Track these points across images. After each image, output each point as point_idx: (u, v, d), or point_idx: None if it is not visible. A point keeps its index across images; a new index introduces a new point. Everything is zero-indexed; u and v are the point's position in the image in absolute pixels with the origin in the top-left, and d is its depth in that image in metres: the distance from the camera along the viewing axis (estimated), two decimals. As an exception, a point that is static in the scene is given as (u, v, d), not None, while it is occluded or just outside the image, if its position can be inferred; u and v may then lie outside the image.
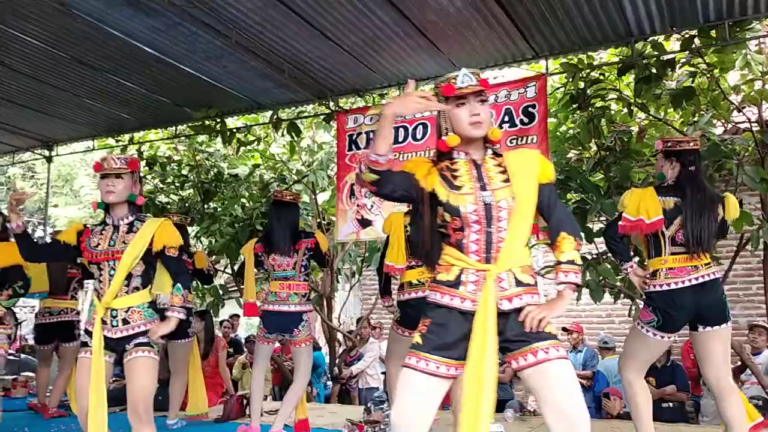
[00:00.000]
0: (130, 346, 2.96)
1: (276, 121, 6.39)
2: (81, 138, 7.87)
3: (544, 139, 4.90)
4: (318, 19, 4.52)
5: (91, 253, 3.02)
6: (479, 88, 2.23)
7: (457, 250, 2.23)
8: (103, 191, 3.04)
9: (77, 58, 5.33)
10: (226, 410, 5.05)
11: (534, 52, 5.08)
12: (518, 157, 2.32)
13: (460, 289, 2.19)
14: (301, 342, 4.25)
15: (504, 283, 2.17)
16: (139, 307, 3.02)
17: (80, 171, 15.54)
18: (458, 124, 2.23)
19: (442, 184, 2.23)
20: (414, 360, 2.15)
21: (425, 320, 2.22)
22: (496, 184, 2.23)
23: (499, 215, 2.19)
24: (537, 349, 2.10)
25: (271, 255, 4.25)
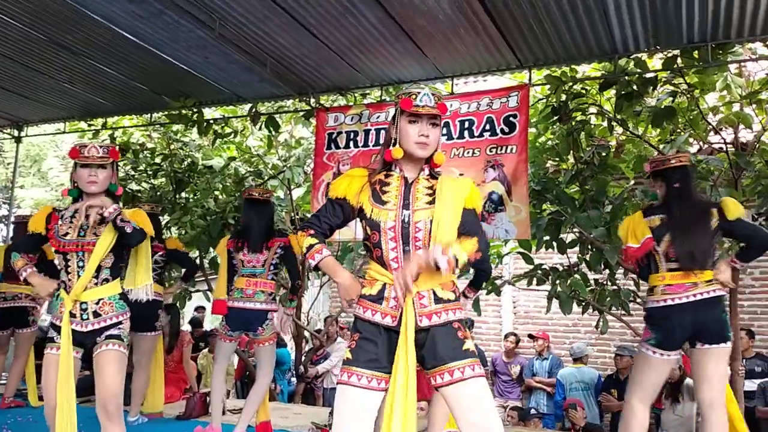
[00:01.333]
0: (100, 339, 2.88)
1: (254, 115, 6.30)
2: (52, 120, 7.67)
3: (524, 150, 4.91)
4: (304, 15, 4.45)
5: (59, 242, 2.91)
6: (435, 112, 2.28)
7: (380, 266, 2.29)
8: (84, 180, 2.94)
9: (55, 40, 5.18)
10: (189, 407, 4.97)
11: (519, 62, 5.08)
12: (450, 184, 2.35)
13: (383, 305, 2.25)
14: (265, 341, 4.22)
15: (424, 299, 2.23)
16: (110, 298, 2.94)
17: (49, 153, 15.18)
18: (405, 140, 2.28)
19: (369, 199, 2.32)
20: (346, 375, 2.20)
21: (354, 335, 2.27)
22: (419, 205, 2.28)
23: (416, 235, 2.25)
24: (453, 369, 2.16)
25: (242, 251, 4.20)
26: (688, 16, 4.25)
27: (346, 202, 2.35)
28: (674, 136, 5.07)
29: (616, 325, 6.44)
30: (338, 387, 2.22)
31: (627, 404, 3.51)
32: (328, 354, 7.73)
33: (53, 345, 2.89)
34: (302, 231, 2.34)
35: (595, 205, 5.00)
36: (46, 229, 2.98)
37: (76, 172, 2.98)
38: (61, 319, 2.87)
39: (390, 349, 2.20)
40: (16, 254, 3.00)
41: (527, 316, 8.88)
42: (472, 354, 2.20)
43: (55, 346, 2.87)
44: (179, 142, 7.11)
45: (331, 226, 2.37)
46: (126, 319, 3.00)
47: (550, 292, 5.21)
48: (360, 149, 5.58)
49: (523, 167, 4.88)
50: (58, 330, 2.87)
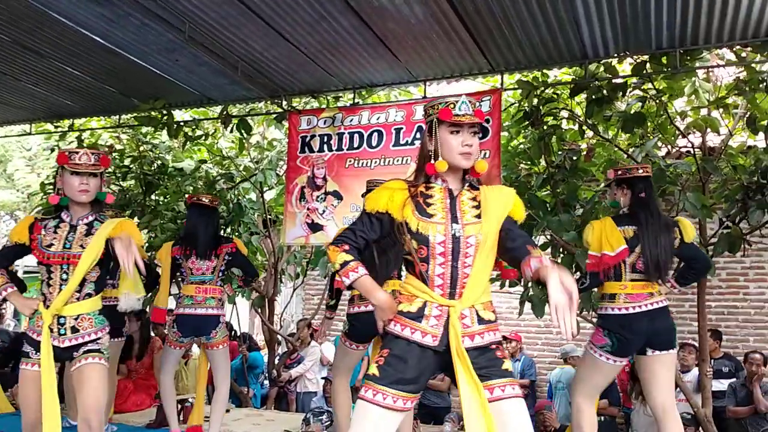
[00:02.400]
0: (78, 354, 2.79)
1: (225, 117, 6.23)
2: (17, 121, 7.50)
3: (497, 154, 4.93)
4: (276, 19, 4.41)
5: (43, 253, 2.79)
6: (476, 120, 2.21)
7: (422, 282, 2.19)
8: (74, 189, 2.81)
9: (19, 42, 5.04)
10: (159, 415, 4.88)
11: (490, 67, 5.10)
12: (495, 194, 2.28)
13: (422, 323, 2.15)
14: (219, 344, 4.21)
15: (467, 319, 2.15)
16: (89, 314, 2.84)
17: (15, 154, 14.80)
18: (448, 151, 2.20)
19: (413, 212, 2.21)
20: (370, 393, 2.11)
21: (383, 351, 2.18)
22: (468, 219, 2.20)
23: (467, 251, 2.16)
24: (494, 386, 2.10)
25: (190, 258, 4.15)
26: (656, 23, 4.31)
27: (388, 216, 2.24)
28: (643, 141, 5.13)
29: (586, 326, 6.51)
30: (359, 403, 2.13)
31: (574, 404, 3.58)
32: (301, 358, 7.69)
33: (29, 360, 2.78)
34: (335, 246, 2.22)
35: (566, 209, 5.04)
36: (29, 239, 2.85)
37: (64, 179, 2.84)
38: (38, 333, 2.76)
39: (420, 368, 2.13)
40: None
41: (499, 317, 8.87)
42: (511, 374, 2.15)
43: (31, 361, 2.77)
44: (149, 144, 7.01)
45: (367, 241, 2.26)
46: (105, 333, 2.92)
47: (522, 295, 5.24)
48: (334, 153, 5.55)
49: (496, 172, 4.90)
50: (34, 345, 2.76)
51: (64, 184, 2.85)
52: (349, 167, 5.44)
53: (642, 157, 4.88)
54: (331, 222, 5.39)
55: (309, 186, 5.59)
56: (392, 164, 5.24)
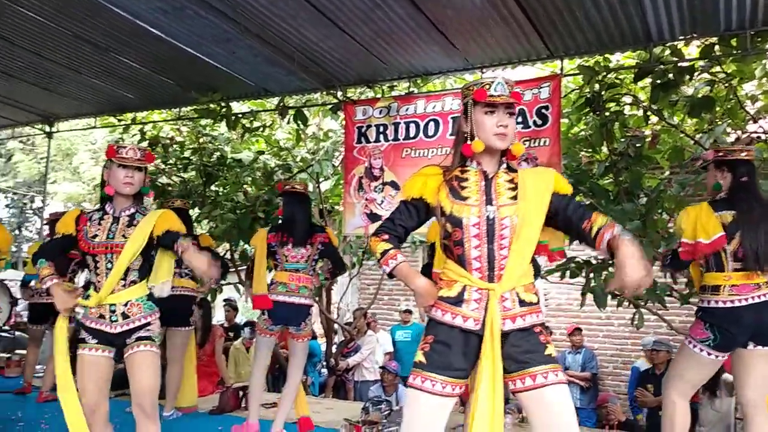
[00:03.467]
0: (131, 340, 2.90)
1: (282, 109, 6.28)
2: (82, 115, 7.77)
3: (557, 142, 4.80)
4: (331, 8, 4.40)
5: (88, 244, 2.92)
6: (511, 100, 2.17)
7: (460, 266, 2.18)
8: (120, 181, 2.94)
9: (80, 36, 5.21)
10: (222, 402, 4.99)
11: (549, 52, 4.97)
12: (533, 176, 2.25)
13: (463, 307, 2.14)
14: (304, 337, 4.20)
15: (507, 302, 2.13)
16: (138, 300, 2.95)
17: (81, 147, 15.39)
18: (482, 132, 2.18)
19: (447, 196, 2.21)
20: (419, 380, 2.11)
21: (428, 337, 2.18)
22: (503, 201, 2.17)
23: (502, 232, 2.14)
24: (536, 374, 2.08)
25: (286, 246, 4.14)
26: (725, 3, 4.10)
27: (423, 202, 2.25)
28: (712, 126, 4.91)
29: (650, 318, 6.31)
30: (409, 391, 2.13)
31: (667, 399, 3.40)
32: (358, 347, 7.73)
33: (86, 346, 2.91)
34: (375, 236, 2.26)
35: (629, 198, 4.87)
36: (75, 230, 2.98)
37: (111, 171, 2.97)
38: (90, 320, 2.90)
39: (466, 353, 2.12)
40: (43, 261, 2.97)
41: (559, 309, 8.75)
42: (554, 360, 2.12)
43: (88, 347, 2.90)
44: (208, 136, 7.15)
45: (406, 229, 2.28)
46: (155, 319, 3.01)
47: (584, 286, 5.10)
48: (390, 143, 5.52)
49: (556, 160, 4.77)
50: (90, 331, 2.90)
51: (111, 176, 2.98)
52: (406, 157, 5.40)
53: (710, 143, 4.67)
54: (390, 212, 5.36)
55: (367, 176, 5.59)
56: (450, 153, 5.16)
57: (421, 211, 2.27)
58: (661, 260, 3.63)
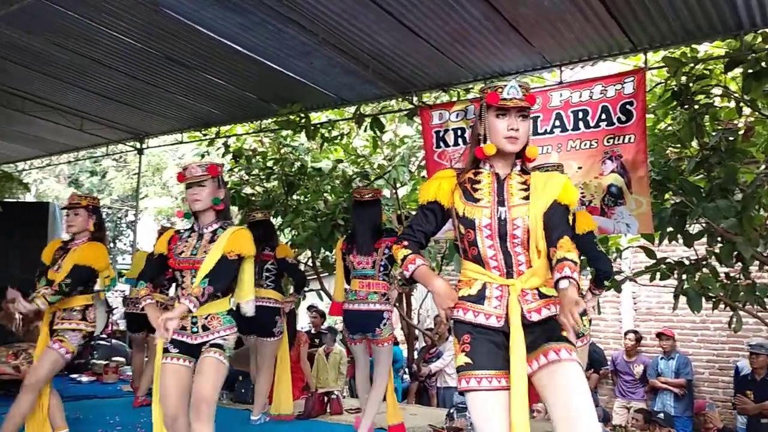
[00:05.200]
0: (205, 347, 3.00)
1: (359, 117, 6.36)
2: (170, 131, 8.15)
3: (643, 138, 4.62)
4: (405, 14, 4.42)
5: (175, 260, 3.07)
6: (523, 103, 2.19)
7: (478, 264, 2.22)
8: (189, 200, 3.10)
9: (168, 56, 5.46)
10: (308, 407, 5.07)
11: (632, 45, 4.80)
12: (544, 179, 2.26)
13: (485, 305, 2.17)
14: (384, 341, 4.18)
15: (528, 296, 2.16)
16: (218, 314, 3.05)
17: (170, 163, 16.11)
18: (494, 135, 2.21)
19: (461, 198, 2.25)
20: (474, 382, 2.11)
21: (464, 337, 2.18)
22: (515, 201, 2.21)
23: (514, 232, 2.17)
24: (548, 350, 2.10)
25: (351, 253, 4.22)
26: (825, -17, 3.85)
27: (438, 205, 2.30)
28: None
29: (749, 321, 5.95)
30: (467, 395, 2.14)
31: None
32: (440, 353, 7.68)
33: (168, 355, 3.00)
34: (397, 245, 2.31)
35: (723, 194, 4.62)
36: (167, 250, 3.14)
37: (187, 192, 3.14)
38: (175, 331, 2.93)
39: (497, 345, 2.14)
40: (142, 283, 3.13)
41: (649, 312, 8.39)
42: (568, 341, 2.11)
43: (170, 356, 3.00)
44: (289, 147, 7.32)
45: (425, 234, 2.32)
46: (232, 333, 3.09)
47: (676, 288, 4.87)
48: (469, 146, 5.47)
49: (643, 157, 4.60)
50: (173, 341, 2.99)
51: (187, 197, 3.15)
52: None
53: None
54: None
55: None
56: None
57: (437, 215, 2.31)
58: None
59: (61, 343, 3.63)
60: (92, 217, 3.81)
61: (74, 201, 3.79)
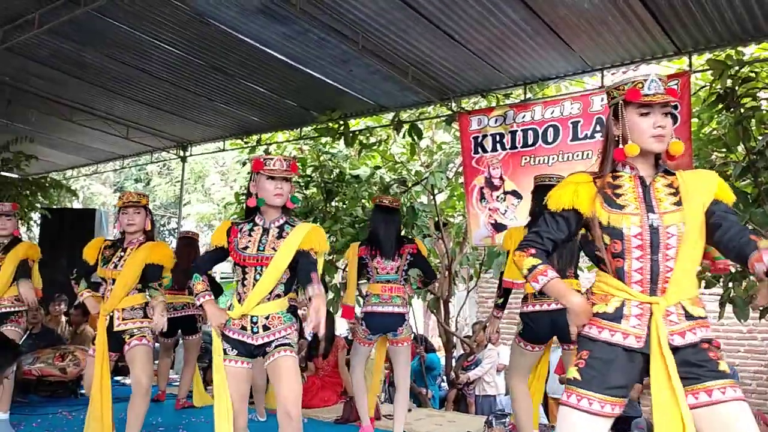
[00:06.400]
0: (270, 348, 2.89)
1: (397, 123, 6.39)
2: (213, 139, 8.29)
3: (688, 142, 4.54)
4: (444, 20, 4.44)
5: (240, 255, 2.93)
6: (668, 98, 2.02)
7: (617, 279, 2.03)
8: (270, 193, 2.92)
9: (212, 65, 5.58)
10: (345, 411, 5.08)
11: (676, 48, 4.74)
12: (694, 178, 2.07)
13: (622, 324, 1.98)
14: (403, 341, 4.27)
15: (672, 316, 1.96)
16: (279, 313, 2.93)
17: (211, 170, 16.41)
18: (638, 135, 2.03)
19: (602, 205, 2.06)
20: (574, 398, 1.97)
21: (582, 353, 2.03)
22: (666, 207, 2.01)
23: (668, 242, 1.97)
24: (712, 388, 1.89)
25: (375, 258, 4.26)
26: None
27: (575, 213, 2.10)
28: None
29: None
30: (563, 409, 2.01)
31: None
32: (478, 360, 7.61)
33: (227, 357, 2.93)
34: (520, 251, 2.12)
35: (772, 199, 4.51)
36: (227, 242, 3.01)
37: (260, 184, 2.97)
38: (233, 331, 2.93)
39: (628, 371, 1.98)
40: (197, 276, 3.05)
41: (694, 321, 8.21)
42: (730, 375, 1.93)
43: (228, 358, 2.92)
44: (328, 154, 7.38)
45: (555, 242, 2.13)
46: (293, 330, 2.98)
47: (722, 296, 4.76)
48: (508, 151, 5.46)
49: (688, 161, 4.51)
50: (231, 342, 2.92)
51: (259, 189, 2.97)
52: (525, 165, 5.31)
53: None
54: (514, 221, 5.29)
55: (487, 186, 5.55)
56: (571, 160, 5.02)
57: (572, 223, 2.13)
58: None
59: (144, 337, 3.62)
60: (149, 216, 3.84)
61: (134, 199, 3.77)
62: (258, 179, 2.98)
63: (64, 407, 5.13)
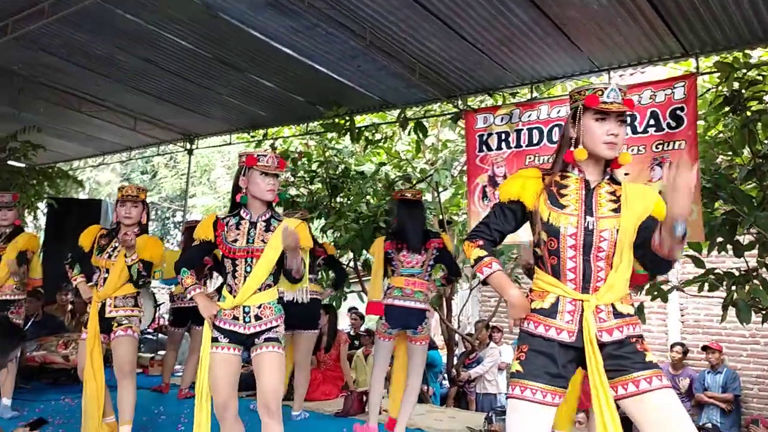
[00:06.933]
0: (259, 341, 2.97)
1: (403, 120, 6.40)
2: (219, 132, 8.33)
3: (694, 145, 4.54)
4: (454, 18, 4.45)
5: (229, 248, 3.00)
6: (624, 108, 2.10)
7: (553, 276, 2.12)
8: (263, 188, 3.01)
9: (220, 58, 5.61)
10: (346, 405, 5.11)
11: (683, 49, 4.73)
12: (636, 191, 2.16)
13: (557, 319, 2.09)
14: (421, 340, 4.22)
15: (602, 314, 2.07)
16: (270, 303, 3.03)
17: (217, 163, 16.47)
18: (591, 139, 2.11)
19: (546, 202, 2.15)
20: (518, 389, 2.06)
21: (522, 346, 2.13)
22: (603, 212, 2.12)
23: (600, 245, 2.08)
24: (639, 378, 2.00)
25: (401, 252, 4.23)
26: None
27: (520, 205, 2.20)
28: None
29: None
30: (509, 402, 2.09)
31: None
32: (480, 358, 7.64)
33: (218, 344, 2.99)
34: (470, 241, 2.21)
35: (776, 204, 4.50)
36: (214, 235, 3.07)
37: (252, 179, 3.03)
38: (224, 321, 2.99)
39: (563, 363, 2.07)
40: (186, 270, 3.11)
41: (697, 325, 8.20)
42: (656, 365, 2.04)
43: (219, 345, 2.99)
44: (333, 150, 7.40)
45: (502, 233, 2.22)
46: (282, 322, 3.08)
47: (725, 300, 4.76)
48: (513, 150, 5.47)
49: (693, 164, 4.50)
50: (221, 331, 2.99)
51: (251, 184, 3.04)
52: (529, 164, 5.31)
53: None
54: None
55: (490, 185, 5.55)
56: (551, 158, 5.04)
57: (518, 215, 2.22)
58: None
59: (129, 328, 3.76)
60: (145, 210, 3.94)
61: (133, 194, 3.88)
62: (250, 174, 3.04)
63: (66, 394, 5.18)
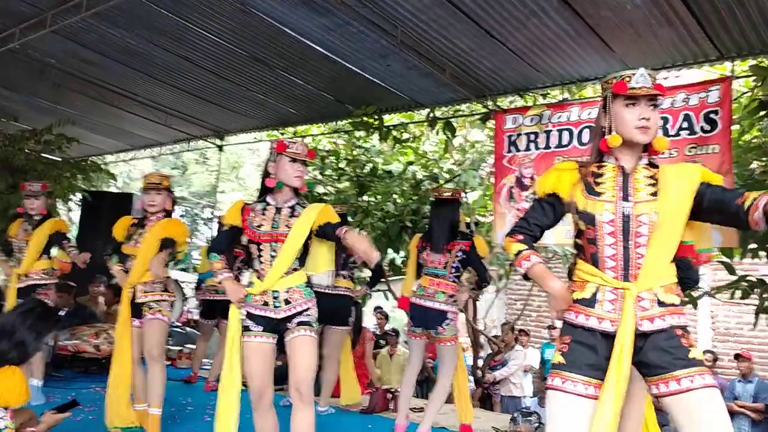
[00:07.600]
0: (291, 325, 2.97)
1: (432, 120, 6.40)
2: (249, 129, 8.39)
3: (728, 149, 4.46)
4: (486, 18, 4.44)
5: (254, 233, 3.04)
6: (654, 91, 2.08)
7: (592, 266, 2.11)
8: (291, 174, 3.05)
9: (253, 55, 5.66)
10: (372, 402, 5.14)
11: (719, 53, 4.66)
12: (676, 171, 2.12)
13: (596, 308, 2.06)
14: (447, 341, 4.16)
15: (645, 302, 2.02)
16: (298, 287, 3.04)
17: (247, 160, 16.62)
18: (623, 126, 2.09)
19: (582, 192, 2.14)
20: (558, 380, 2.05)
21: (564, 337, 2.11)
22: (641, 197, 2.08)
23: (638, 230, 2.05)
24: (680, 377, 1.94)
25: (425, 251, 4.25)
26: None
27: (557, 198, 2.19)
28: None
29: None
30: (549, 393, 2.07)
31: None
32: (505, 361, 7.61)
33: (250, 333, 3.01)
34: (509, 236, 2.21)
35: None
36: (241, 221, 3.11)
37: (280, 165, 3.07)
38: (255, 307, 3.02)
39: (608, 354, 2.02)
40: (215, 255, 3.16)
41: (727, 333, 8.07)
42: (700, 362, 1.97)
43: (252, 334, 3.00)
44: (361, 148, 7.43)
45: (541, 228, 2.23)
46: (313, 305, 3.09)
47: (758, 307, 4.68)
48: (541, 151, 5.44)
49: (727, 168, 4.44)
50: (254, 319, 3.01)
51: (279, 170, 3.08)
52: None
53: None
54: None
55: (517, 186, 5.53)
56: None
57: (556, 208, 2.21)
58: None
59: (159, 312, 3.83)
60: (170, 197, 4.02)
61: (157, 181, 3.97)
62: (279, 160, 3.08)
63: (96, 383, 5.27)
